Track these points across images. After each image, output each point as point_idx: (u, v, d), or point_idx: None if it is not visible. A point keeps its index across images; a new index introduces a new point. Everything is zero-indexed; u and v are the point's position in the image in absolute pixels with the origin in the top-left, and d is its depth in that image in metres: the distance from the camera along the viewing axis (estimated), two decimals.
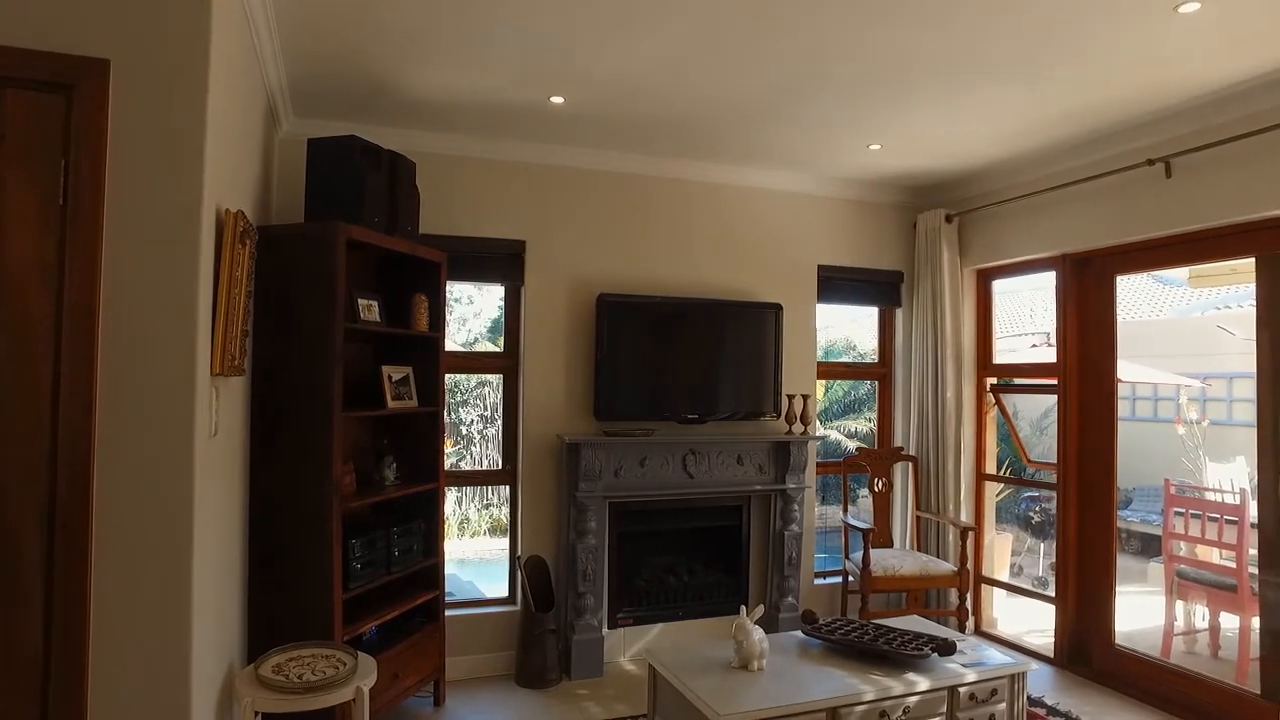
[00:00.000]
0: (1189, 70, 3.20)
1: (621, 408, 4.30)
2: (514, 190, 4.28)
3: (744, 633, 2.99)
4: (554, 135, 4.12)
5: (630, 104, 3.67)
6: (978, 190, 4.74)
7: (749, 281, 4.70)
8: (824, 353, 9.93)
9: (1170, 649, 4.47)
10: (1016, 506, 7.85)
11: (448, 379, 10.26)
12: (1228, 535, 4.29)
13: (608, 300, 4.28)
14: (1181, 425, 7.16)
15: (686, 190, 4.61)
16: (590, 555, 4.15)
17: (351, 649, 2.65)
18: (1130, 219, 3.95)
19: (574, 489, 4.13)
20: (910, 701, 2.89)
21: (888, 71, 3.24)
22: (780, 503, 4.52)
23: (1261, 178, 3.40)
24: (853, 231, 5.00)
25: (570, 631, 4.12)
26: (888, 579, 4.27)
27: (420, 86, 3.46)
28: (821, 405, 9.70)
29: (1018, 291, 10.17)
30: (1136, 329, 9.31)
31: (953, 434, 4.72)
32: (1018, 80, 3.31)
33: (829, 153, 4.33)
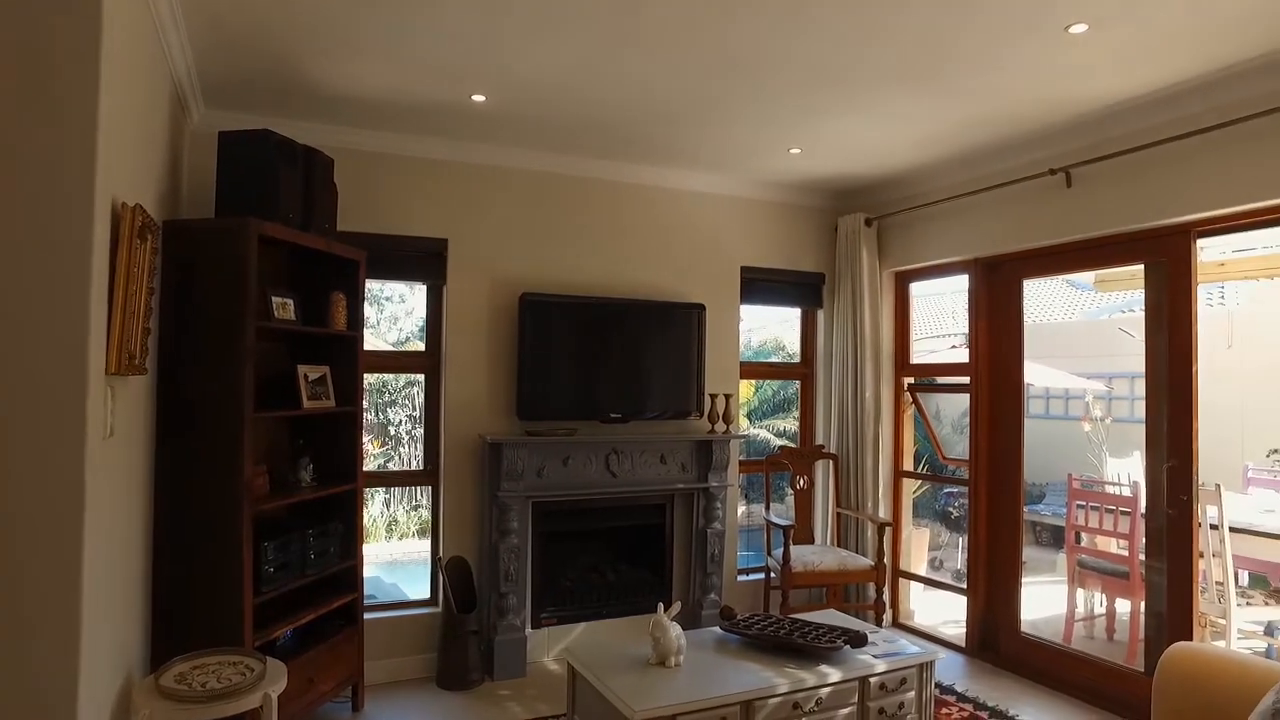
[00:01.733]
0: (1084, 86, 3.37)
1: (545, 407, 4.30)
2: (436, 188, 4.24)
3: (661, 630, 3.02)
4: (477, 133, 4.09)
5: (552, 104, 3.67)
6: (896, 195, 4.89)
7: (673, 282, 4.75)
8: (754, 353, 10.10)
9: (1072, 634, 4.70)
10: (936, 502, 8.11)
11: (377, 379, 10.09)
12: (1122, 526, 4.53)
13: (530, 299, 4.28)
14: (1088, 423, 7.52)
15: (611, 191, 4.63)
16: (513, 555, 4.13)
17: (261, 655, 2.59)
18: (1035, 225, 4.13)
19: (496, 489, 4.12)
20: (823, 693, 2.97)
21: (806, 78, 3.32)
22: (703, 501, 4.58)
23: (1149, 190, 3.60)
24: (776, 233, 5.10)
25: (493, 632, 4.10)
26: (808, 574, 4.37)
27: (338, 81, 3.39)
28: (751, 405, 9.86)
29: (941, 294, 10.51)
30: (1051, 330, 9.73)
31: (871, 432, 4.86)
32: (929, 90, 3.43)
33: (751, 156, 4.41)
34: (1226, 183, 3.34)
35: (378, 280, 4.31)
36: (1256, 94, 3.17)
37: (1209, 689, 2.43)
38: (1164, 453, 3.71)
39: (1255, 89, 3.18)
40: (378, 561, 8.00)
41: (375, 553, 8.28)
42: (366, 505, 9.23)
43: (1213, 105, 3.33)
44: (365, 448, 10.13)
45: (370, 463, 9.28)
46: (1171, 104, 3.45)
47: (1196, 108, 3.38)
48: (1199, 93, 3.34)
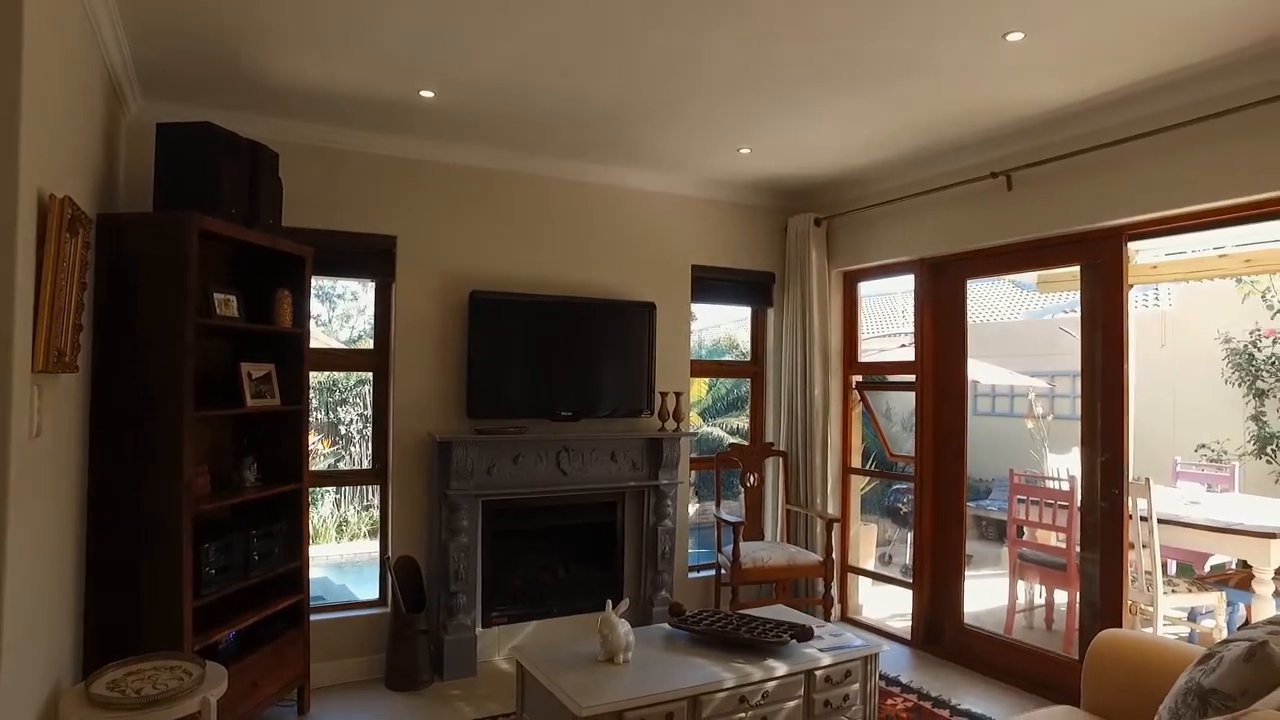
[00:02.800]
0: (1022, 92, 3.46)
1: (494, 406, 4.28)
2: (385, 185, 4.19)
3: (610, 627, 3.03)
4: (426, 130, 4.05)
5: (501, 101, 3.65)
6: (844, 196, 4.97)
7: (623, 280, 4.77)
8: (708, 352, 10.17)
9: (1013, 625, 4.84)
10: (886, 498, 8.26)
11: (327, 377, 9.91)
12: (1060, 519, 4.67)
13: (480, 297, 4.25)
14: (1030, 420, 7.73)
15: (562, 189, 4.63)
16: (463, 554, 4.11)
17: (200, 659, 2.54)
18: (977, 227, 4.24)
19: (446, 488, 4.09)
20: (769, 686, 3.01)
21: (750, 79, 3.35)
22: (653, 498, 4.61)
23: (1084, 194, 3.72)
24: (726, 233, 5.14)
25: (442, 632, 4.07)
26: (757, 570, 4.42)
27: (282, 73, 3.33)
28: (705, 403, 9.92)
29: (892, 294, 10.71)
30: (997, 330, 9.98)
31: (820, 430, 4.94)
32: (873, 93, 3.49)
33: (701, 155, 4.44)
34: (1156, 188, 3.46)
35: (325, 278, 4.26)
36: (1184, 103, 3.30)
37: (1133, 672, 2.54)
38: (1098, 448, 3.84)
39: (1183, 99, 3.31)
40: (327, 562, 7.89)
41: (325, 554, 8.16)
42: (316, 505, 9.11)
43: (1143, 114, 3.45)
44: (315, 447, 9.99)
45: (320, 462, 9.14)
46: (1105, 112, 3.57)
47: (1128, 116, 3.51)
48: (1131, 101, 3.46)
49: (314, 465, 8.92)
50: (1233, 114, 3.12)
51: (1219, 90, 3.20)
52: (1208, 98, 3.23)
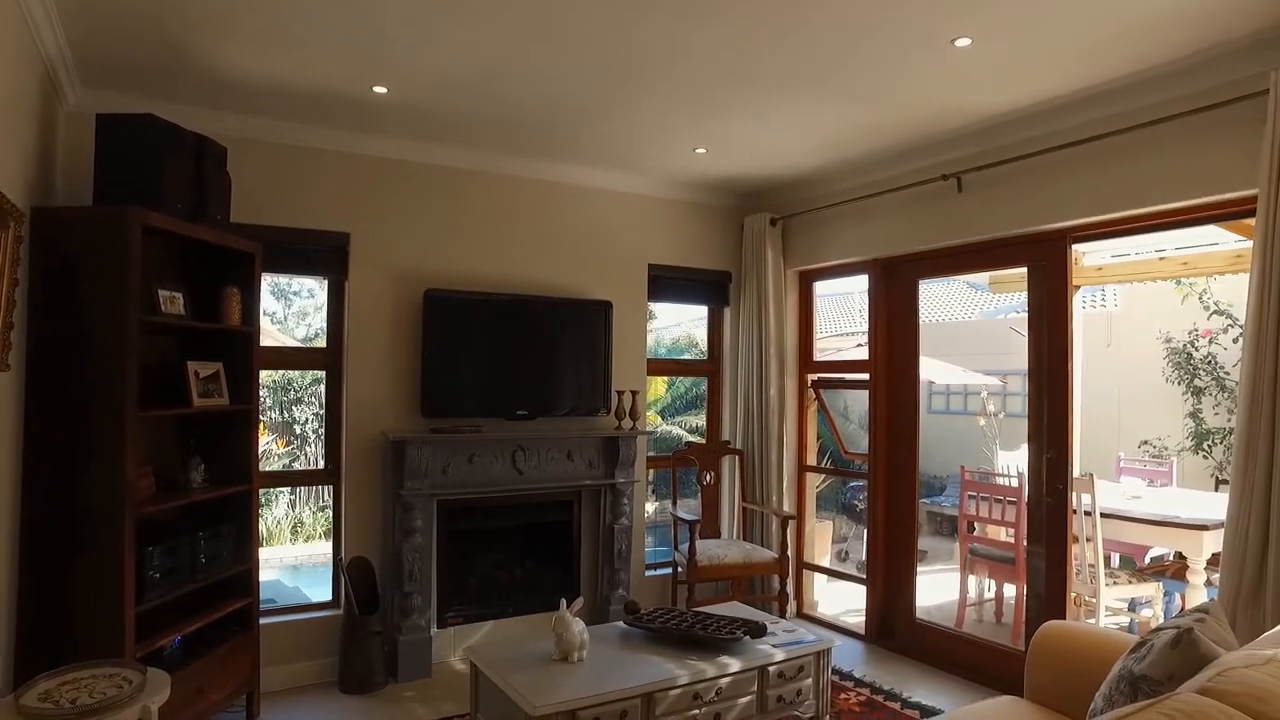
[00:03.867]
0: (972, 97, 3.53)
1: (450, 405, 4.25)
2: (338, 181, 4.13)
3: (564, 625, 3.04)
4: (380, 126, 4.00)
5: (456, 98, 3.62)
6: (800, 196, 5.02)
7: (580, 279, 4.76)
8: (668, 350, 10.20)
9: (964, 619, 4.94)
10: (843, 496, 8.37)
11: (282, 376, 9.71)
12: (1009, 515, 4.77)
13: (435, 295, 4.22)
14: (983, 418, 7.89)
15: (518, 187, 4.61)
16: (417, 554, 4.07)
17: (141, 666, 2.48)
18: (929, 228, 4.31)
19: (400, 488, 4.05)
20: (723, 683, 3.03)
21: (707, 79, 3.37)
22: (610, 497, 4.61)
23: (1031, 197, 3.81)
24: (683, 232, 5.16)
25: (397, 633, 4.03)
26: (713, 568, 4.45)
27: (229, 65, 3.26)
28: (665, 401, 9.95)
29: (850, 294, 10.85)
30: (952, 330, 10.17)
31: (776, 428, 4.98)
32: (827, 95, 3.53)
33: (657, 154, 4.46)
34: (1098, 192, 3.56)
35: (276, 274, 4.18)
36: (1125, 110, 3.40)
37: (1073, 661, 2.62)
38: (1044, 445, 3.94)
39: (1124, 105, 3.40)
40: (281, 565, 7.76)
41: (280, 555, 8.03)
42: (269, 507, 8.94)
43: (1087, 120, 3.54)
44: (269, 447, 9.78)
45: (275, 462, 8.98)
46: (1051, 117, 3.65)
47: (1073, 121, 3.59)
48: (1075, 107, 3.55)
49: (268, 465, 8.77)
50: (1170, 121, 3.22)
51: (1158, 98, 3.29)
52: (1147, 105, 3.33)
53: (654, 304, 5.08)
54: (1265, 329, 2.82)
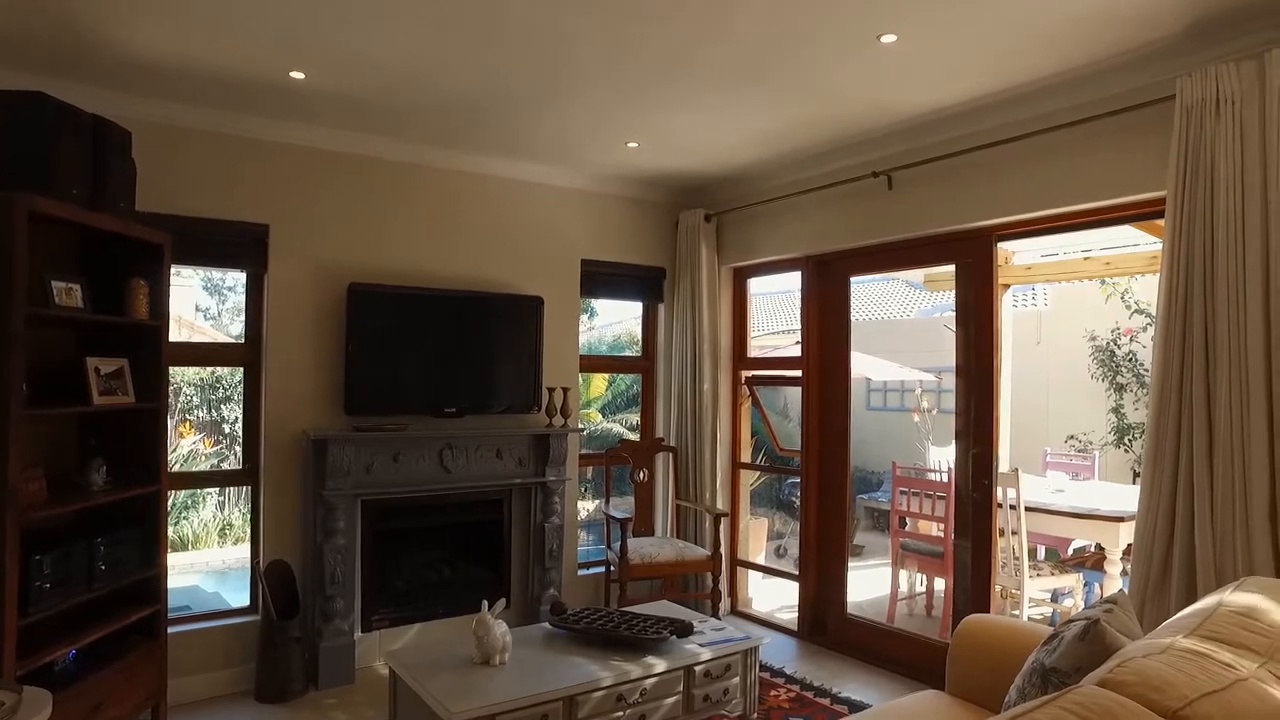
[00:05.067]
0: (899, 94, 3.55)
1: (374, 402, 4.13)
2: (257, 170, 3.97)
3: (485, 628, 2.96)
4: (300, 113, 3.86)
5: (379, 86, 3.51)
6: (734, 192, 5.01)
7: (510, 274, 4.67)
8: (609, 347, 10.15)
9: (895, 613, 4.99)
10: (781, 492, 8.43)
11: (210, 373, 9.36)
12: (939, 510, 4.84)
13: (359, 289, 4.09)
14: (917, 414, 8.02)
15: (447, 179, 4.49)
16: (340, 556, 3.94)
17: (17, 685, 2.32)
18: (860, 225, 4.33)
19: (321, 487, 3.92)
20: (648, 683, 3.00)
21: (635, 72, 3.32)
22: (541, 496, 4.54)
23: (957, 195, 3.85)
24: (617, 227, 5.11)
25: (317, 638, 3.90)
26: (645, 566, 4.41)
27: (132, 44, 3.09)
28: (606, 398, 9.90)
29: (790, 292, 10.93)
30: (889, 327, 10.33)
31: (709, 425, 4.96)
32: (756, 90, 3.51)
33: (589, 148, 4.39)
34: (1022, 191, 3.61)
35: (190, 266, 4.00)
36: (1048, 111, 3.45)
37: (993, 654, 2.64)
38: (971, 441, 3.99)
39: (1047, 106, 3.45)
40: (208, 569, 7.51)
41: (206, 559, 7.77)
42: (198, 509, 8.62)
43: (1012, 120, 3.59)
44: (196, 447, 9.43)
45: (204, 462, 8.69)
46: (977, 116, 3.69)
47: (998, 121, 3.64)
48: (1000, 107, 3.60)
49: (196, 465, 8.47)
50: (1088, 123, 3.28)
51: (1077, 100, 3.35)
52: (1068, 106, 3.39)
53: (596, 301, 5.01)
54: (1173, 328, 2.89)
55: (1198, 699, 1.51)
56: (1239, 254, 2.74)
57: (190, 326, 9.93)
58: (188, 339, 9.39)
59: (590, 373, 8.53)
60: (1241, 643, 1.77)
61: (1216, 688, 1.55)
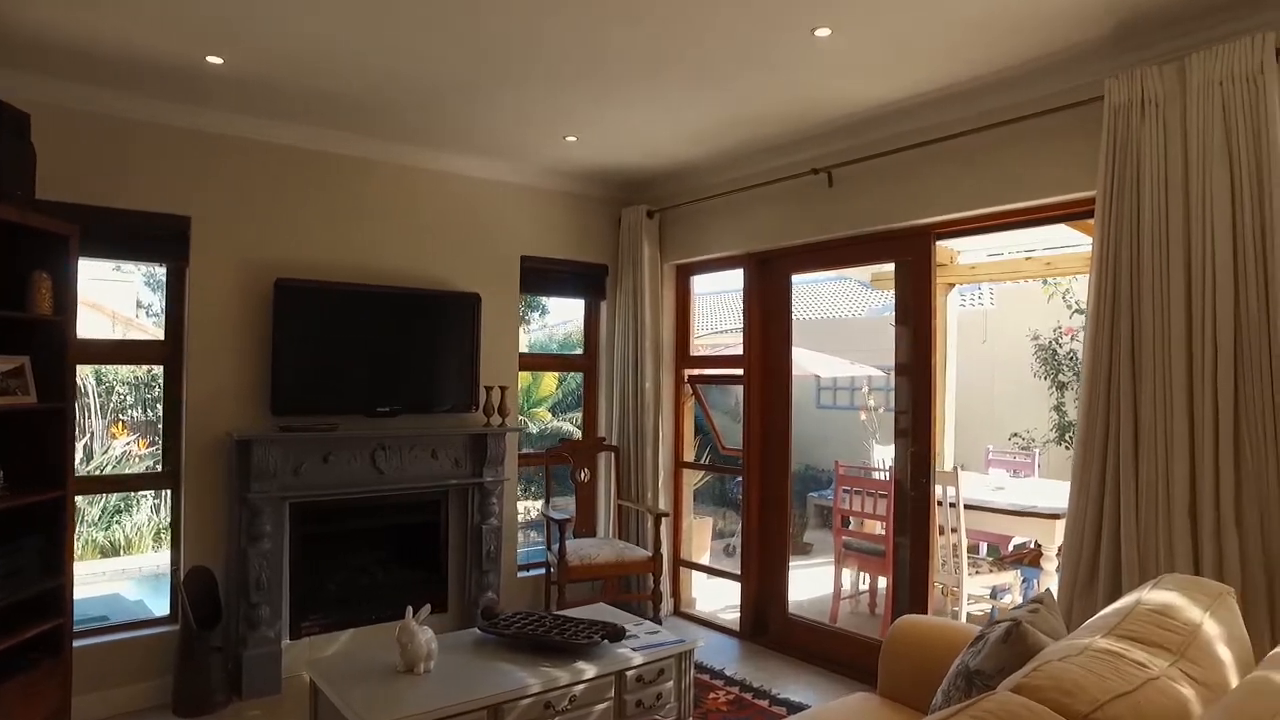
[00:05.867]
0: (837, 90, 3.51)
1: (303, 401, 3.98)
2: (176, 159, 3.79)
3: (408, 635, 2.86)
4: (221, 101, 3.70)
5: (305, 74, 3.37)
6: (677, 188, 4.96)
7: (447, 270, 4.55)
8: (560, 345, 10.04)
9: (838, 613, 4.98)
10: (729, 491, 8.42)
11: (146, 371, 9.02)
12: (881, 508, 4.84)
13: (286, 285, 3.94)
14: (864, 413, 8.07)
15: (381, 172, 4.36)
16: (265, 561, 3.80)
17: None
18: (801, 222, 4.31)
19: (246, 490, 3.76)
20: (577, 690, 2.92)
21: (562, 62, 3.22)
22: (478, 496, 4.43)
23: (897, 193, 3.84)
24: (558, 223, 5.02)
25: (241, 647, 3.75)
26: (584, 567, 4.33)
27: (35, 21, 2.91)
28: (556, 397, 9.79)
29: (739, 290, 10.93)
30: (838, 326, 10.39)
31: (651, 424, 4.90)
32: (693, 84, 3.45)
33: (528, 142, 4.30)
34: (959, 190, 3.61)
35: (101, 259, 3.82)
36: (986, 109, 3.45)
37: (924, 655, 2.62)
38: (910, 439, 3.99)
39: (984, 105, 3.45)
40: (142, 574, 7.23)
41: (139, 565, 7.49)
42: (130, 513, 8.30)
43: (950, 118, 3.58)
44: (130, 448, 9.07)
45: (138, 464, 8.39)
46: (915, 113, 3.68)
47: (936, 119, 3.63)
48: (937, 105, 3.59)
49: (130, 467, 8.16)
50: (1022, 122, 3.28)
51: (1013, 99, 3.36)
52: (1004, 105, 3.39)
53: (549, 299, 4.91)
54: (1102, 328, 2.90)
55: (1108, 701, 1.49)
56: (1163, 255, 2.75)
57: (127, 323, 9.60)
58: (123, 336, 9.08)
59: (532, 371, 8.43)
60: (1155, 641, 1.76)
61: (1127, 689, 1.53)
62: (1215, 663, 1.77)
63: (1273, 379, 2.51)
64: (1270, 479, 2.51)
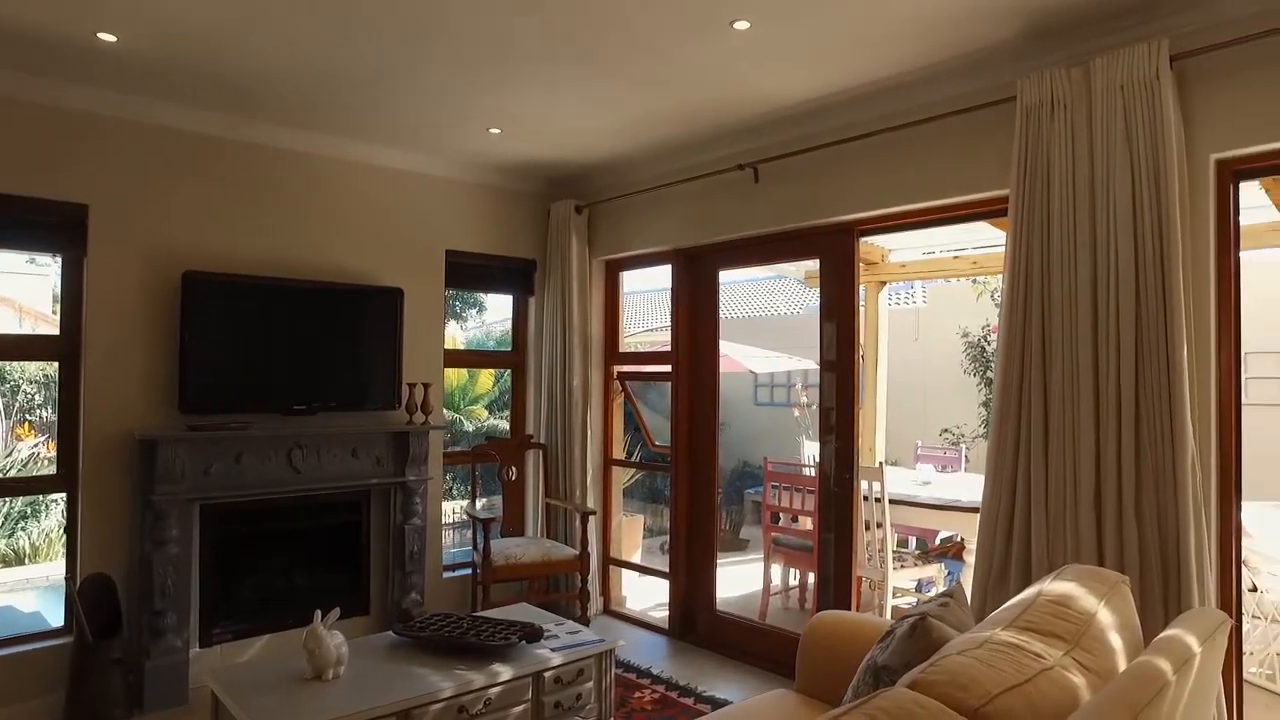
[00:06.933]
0: (759, 84, 3.50)
1: (214, 399, 3.82)
2: (70, 144, 3.59)
3: (316, 641, 2.75)
4: (118, 82, 3.51)
5: (206, 55, 3.22)
6: (605, 183, 4.91)
7: (369, 264, 4.42)
8: (497, 343, 9.90)
9: (767, 609, 4.99)
10: (663, 489, 8.41)
11: (42, 369, 8.60)
12: (809, 504, 4.87)
13: (196, 278, 3.77)
14: (798, 409, 8.15)
15: (298, 162, 4.21)
16: (172, 567, 3.63)
17: None
18: (728, 218, 4.29)
19: (150, 492, 3.59)
20: (492, 693, 2.84)
21: (489, 50, 3.15)
22: (400, 496, 4.31)
23: (821, 189, 3.86)
24: (486, 217, 4.93)
25: (144, 658, 3.57)
26: (510, 567, 4.26)
27: None
28: (491, 395, 9.66)
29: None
30: (779, 323, 10.47)
31: (580, 421, 4.84)
32: (614, 75, 3.40)
33: (449, 134, 4.20)
34: (882, 186, 3.64)
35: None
36: (907, 106, 3.48)
37: (839, 650, 2.62)
38: (827, 433, 4.01)
39: (905, 101, 3.49)
40: (47, 584, 6.88)
41: (47, 573, 7.12)
42: (38, 518, 7.91)
43: (873, 115, 3.61)
44: (38, 450, 8.64)
45: (47, 466, 7.99)
46: (839, 110, 3.70)
47: (859, 116, 3.66)
48: (860, 102, 3.61)
49: (38, 470, 7.77)
50: (941, 120, 3.32)
51: (934, 96, 3.39)
52: (924, 103, 3.42)
53: (485, 296, 4.81)
54: (1015, 324, 2.95)
55: (1000, 694, 1.49)
56: (1071, 253, 2.81)
57: (38, 318, 9.15)
58: (32, 331, 8.64)
59: (458, 368, 8.28)
60: (1053, 631, 1.78)
61: (1020, 680, 1.54)
62: (1107, 650, 1.80)
63: (1169, 373, 2.58)
64: (1166, 470, 2.58)
